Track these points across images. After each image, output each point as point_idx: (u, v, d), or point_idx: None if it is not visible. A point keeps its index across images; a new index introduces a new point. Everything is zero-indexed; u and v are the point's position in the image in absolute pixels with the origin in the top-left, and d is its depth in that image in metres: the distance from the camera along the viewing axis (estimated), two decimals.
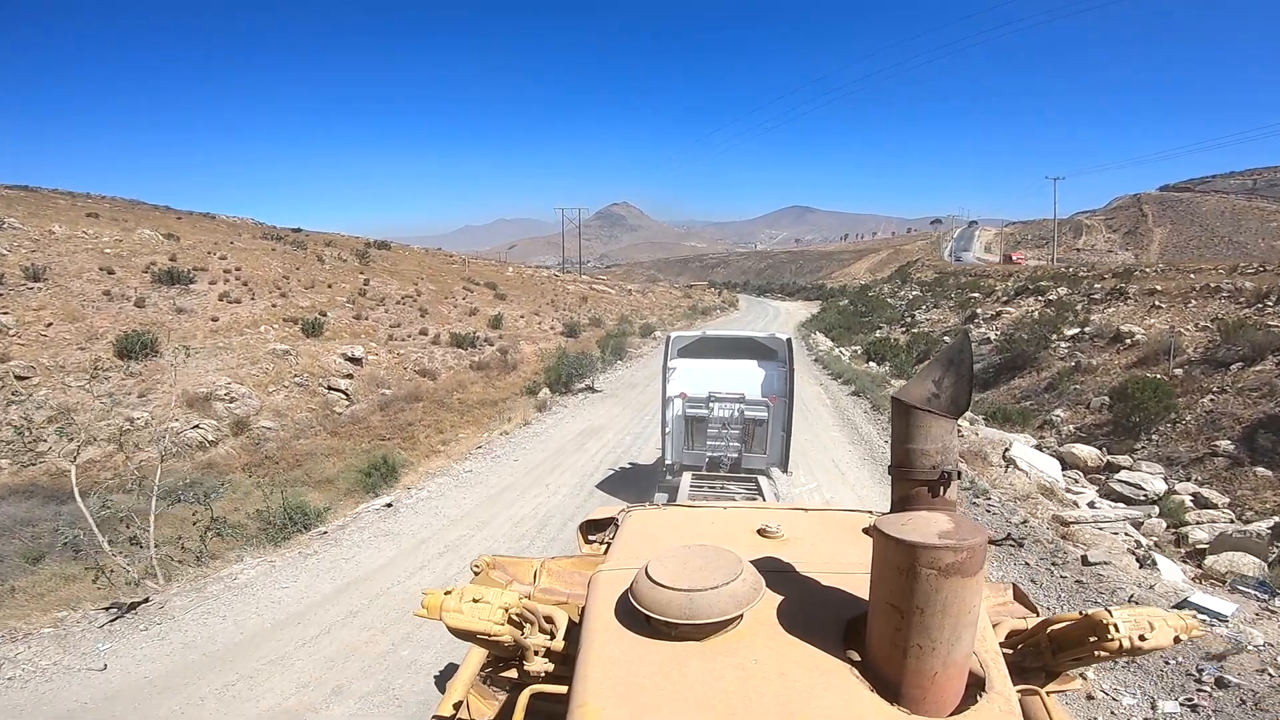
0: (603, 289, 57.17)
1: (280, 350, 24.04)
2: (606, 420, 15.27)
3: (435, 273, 42.92)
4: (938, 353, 2.02)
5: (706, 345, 9.57)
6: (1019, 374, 21.35)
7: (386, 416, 22.80)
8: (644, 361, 27.00)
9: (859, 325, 39.86)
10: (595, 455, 12.76)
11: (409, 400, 23.99)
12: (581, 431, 14.50)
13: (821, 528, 2.23)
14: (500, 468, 12.20)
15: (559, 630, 1.75)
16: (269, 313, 27.27)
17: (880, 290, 56.92)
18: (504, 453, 13.13)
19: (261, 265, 32.53)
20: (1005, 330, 25.87)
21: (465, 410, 23.46)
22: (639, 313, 48.03)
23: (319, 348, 25.35)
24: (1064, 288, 28.82)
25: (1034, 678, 1.84)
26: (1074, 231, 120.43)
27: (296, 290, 30.55)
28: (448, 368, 27.63)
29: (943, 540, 1.24)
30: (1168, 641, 1.68)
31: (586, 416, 15.71)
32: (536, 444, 13.77)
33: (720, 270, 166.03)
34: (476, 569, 2.25)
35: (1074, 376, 18.91)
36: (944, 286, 43.26)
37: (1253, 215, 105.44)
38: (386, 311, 31.46)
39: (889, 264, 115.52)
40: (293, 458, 19.52)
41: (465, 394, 24.98)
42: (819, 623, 1.55)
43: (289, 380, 23.02)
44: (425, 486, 11.12)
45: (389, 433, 21.49)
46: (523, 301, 40.99)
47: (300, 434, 21.14)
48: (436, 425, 21.91)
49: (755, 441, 8.70)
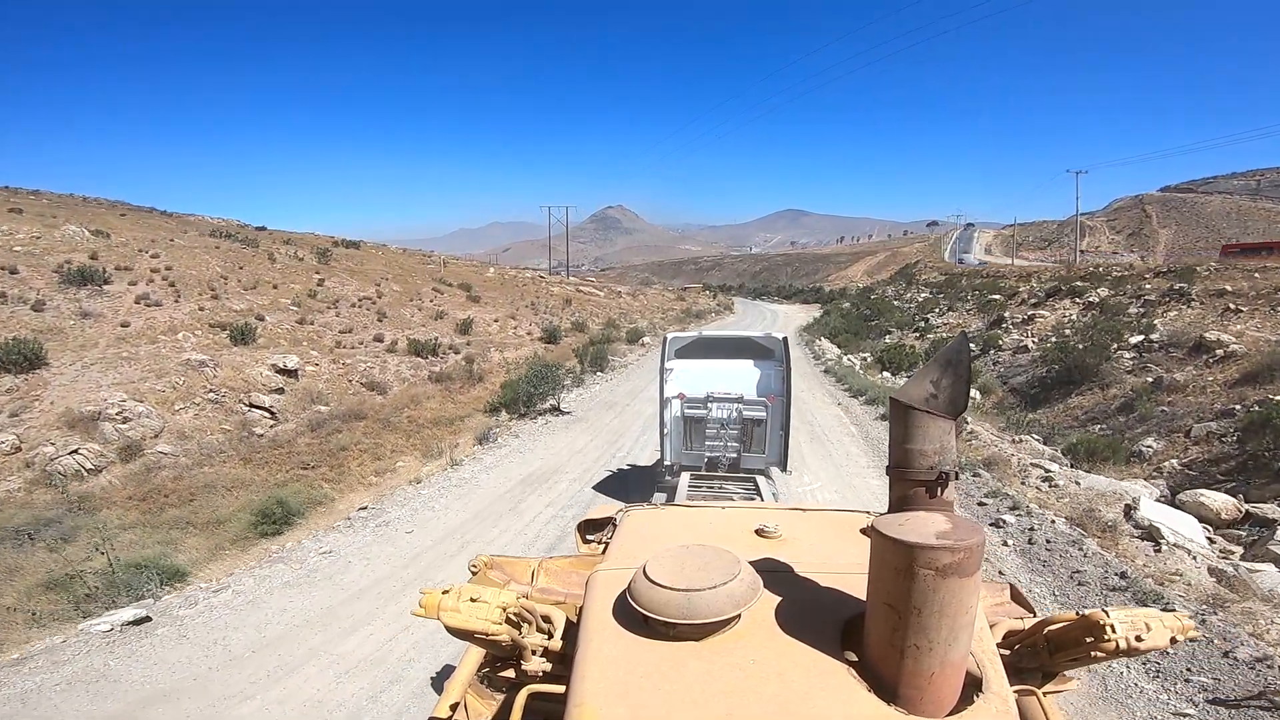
0: (590, 291, 53.69)
1: (196, 361, 20.41)
2: (565, 457, 11.71)
3: (405, 273, 39.33)
4: (936, 353, 1.73)
5: (703, 346, 9.38)
6: (1076, 390, 17.99)
7: (317, 439, 19.22)
8: (628, 373, 23.42)
9: (866, 330, 36.54)
10: (532, 524, 9.04)
11: (349, 419, 20.41)
12: (526, 479, 10.91)
13: (819, 528, 2.23)
14: (376, 549, 8.41)
15: (557, 630, 1.77)
16: (193, 317, 23.65)
17: (884, 292, 53.65)
18: (398, 517, 9.47)
19: (198, 264, 28.91)
20: (1044, 336, 22.55)
21: (414, 431, 19.93)
22: (628, 316, 44.59)
23: (246, 357, 21.73)
24: (1103, 288, 25.56)
25: (1031, 678, 1.82)
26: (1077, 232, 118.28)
27: (233, 292, 26.93)
28: (401, 380, 24.04)
29: (940, 540, 1.24)
30: (1164, 642, 1.66)
31: (541, 452, 12.14)
32: (453, 501, 10.13)
33: (715, 273, 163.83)
34: (474, 569, 2.21)
35: (1156, 396, 15.56)
36: (956, 288, 40.02)
37: (1259, 216, 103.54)
38: (338, 315, 27.86)
39: (887, 266, 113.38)
40: (187, 491, 15.93)
41: (418, 411, 21.41)
42: (816, 623, 1.55)
43: (201, 396, 19.41)
44: (230, 583, 7.52)
45: (316, 459, 17.92)
46: (499, 304, 37.43)
47: (206, 460, 17.55)
48: (375, 449, 18.38)
49: (754, 441, 8.57)
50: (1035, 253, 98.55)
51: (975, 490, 9.87)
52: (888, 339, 34.06)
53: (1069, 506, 8.79)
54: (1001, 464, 10.69)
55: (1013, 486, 9.80)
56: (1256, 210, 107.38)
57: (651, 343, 31.63)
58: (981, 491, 9.81)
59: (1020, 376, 19.94)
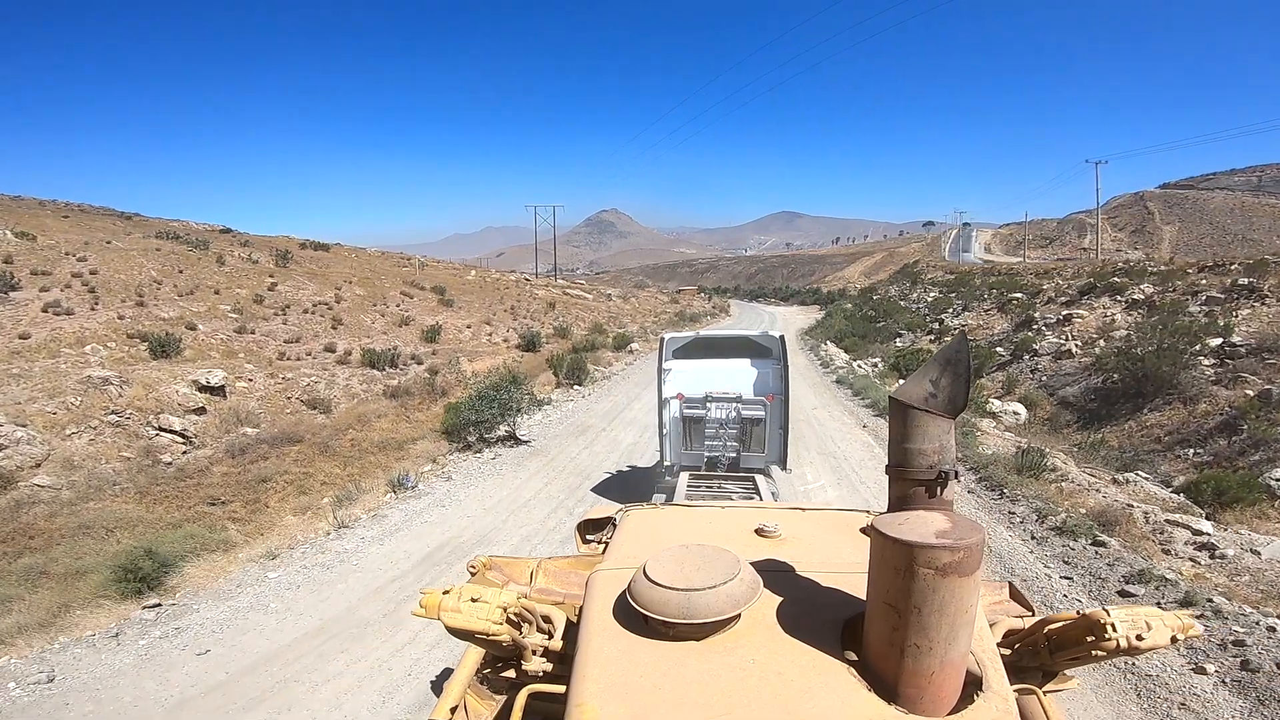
0: (578, 294, 50.76)
1: (99, 378, 17.36)
2: (502, 516, 8.56)
3: (374, 275, 36.31)
4: (936, 352, 1.66)
5: (701, 346, 9.16)
6: (1149, 403, 15.12)
7: (237, 467, 16.23)
8: (611, 386, 20.39)
9: (873, 332, 33.70)
10: (405, 651, 5.78)
11: (280, 443, 17.41)
12: (431, 555, 7.68)
13: (819, 527, 2.23)
14: (122, 688, 5.36)
15: (557, 630, 1.77)
16: (109, 327, 20.62)
17: (888, 292, 50.89)
18: (203, 622, 6.32)
19: (130, 268, 25.86)
20: (1089, 338, 19.67)
21: (356, 456, 16.95)
22: (617, 321, 41.68)
23: (164, 373, 18.68)
24: (1146, 284, 22.74)
25: (1031, 677, 1.81)
26: (1077, 230, 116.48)
27: (165, 298, 23.89)
28: (351, 395, 21.04)
29: (940, 540, 1.24)
30: (1165, 641, 1.64)
31: (472, 506, 8.98)
32: (303, 596, 6.91)
33: (710, 275, 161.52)
34: (473, 569, 2.19)
35: (1270, 414, 12.62)
36: (969, 287, 37.22)
37: (1263, 212, 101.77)
38: (285, 322, 24.83)
39: (884, 267, 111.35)
40: (58, 531, 12.92)
41: (365, 432, 18.40)
42: (816, 622, 1.54)
43: (100, 418, 16.37)
44: None
45: (230, 492, 14.95)
46: (474, 309, 34.42)
47: (96, 493, 14.52)
48: (303, 481, 15.41)
49: (753, 440, 8.42)
50: (1036, 251, 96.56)
51: (1104, 568, 6.92)
52: (898, 342, 31.23)
53: (1263, 593, 5.86)
54: (1123, 522, 7.72)
55: (1158, 561, 6.86)
56: (1261, 207, 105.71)
57: (640, 349, 28.67)
58: (1117, 571, 6.82)
59: (1071, 386, 17.04)
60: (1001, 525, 8.52)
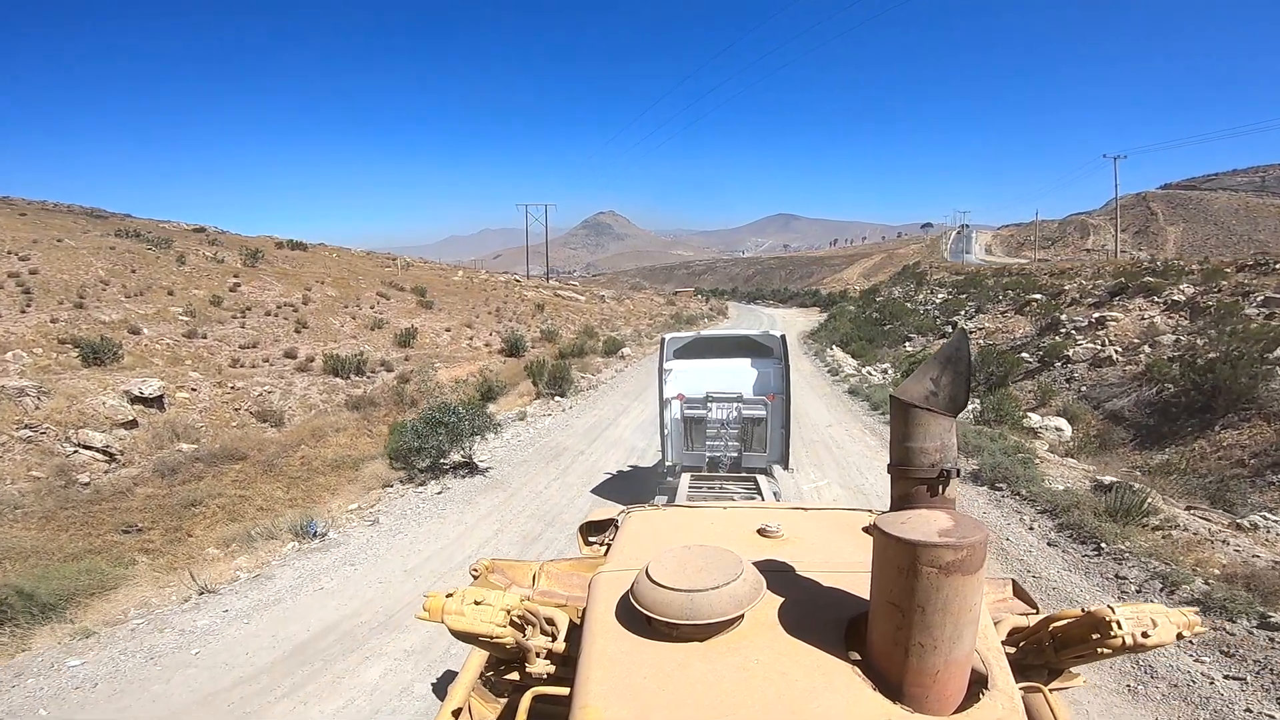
0: (570, 295, 48.74)
1: (14, 388, 15.30)
2: (428, 581, 6.31)
3: (350, 275, 34.25)
4: (936, 351, 1.68)
5: (702, 346, 9.10)
6: (1219, 419, 13.20)
7: (164, 489, 14.23)
8: (597, 397, 18.32)
9: (880, 336, 31.77)
10: None
11: (220, 460, 15.43)
12: (310, 643, 5.52)
13: (821, 527, 2.21)
14: None
15: (560, 632, 1.74)
16: (39, 331, 18.56)
17: (892, 293, 48.99)
18: None
19: (76, 267, 23.81)
20: (1131, 344, 17.72)
21: (304, 477, 14.99)
22: (610, 324, 39.69)
23: (93, 382, 16.63)
24: (1186, 284, 20.83)
25: (1036, 675, 1.80)
26: (1080, 231, 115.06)
27: (111, 299, 21.84)
28: (309, 407, 18.99)
29: (943, 538, 1.22)
30: (1170, 638, 1.63)
31: (393, 564, 6.63)
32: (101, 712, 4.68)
33: (708, 277, 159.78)
34: (475, 572, 2.15)
35: None
36: (980, 287, 35.30)
37: (1269, 213, 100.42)
38: (244, 326, 22.78)
39: (884, 268, 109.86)
40: None
41: (317, 449, 16.38)
42: (820, 622, 1.53)
43: (9, 433, 14.35)
44: None
45: (150, 518, 13.00)
46: (455, 311, 32.39)
47: None
48: (237, 506, 13.44)
49: (755, 440, 8.37)
50: (1040, 252, 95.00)
51: None
52: (908, 346, 29.29)
53: None
54: None
55: None
56: (1265, 207, 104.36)
57: (633, 355, 26.65)
58: None
59: (1119, 399, 15.05)
60: (1114, 599, 5.95)
